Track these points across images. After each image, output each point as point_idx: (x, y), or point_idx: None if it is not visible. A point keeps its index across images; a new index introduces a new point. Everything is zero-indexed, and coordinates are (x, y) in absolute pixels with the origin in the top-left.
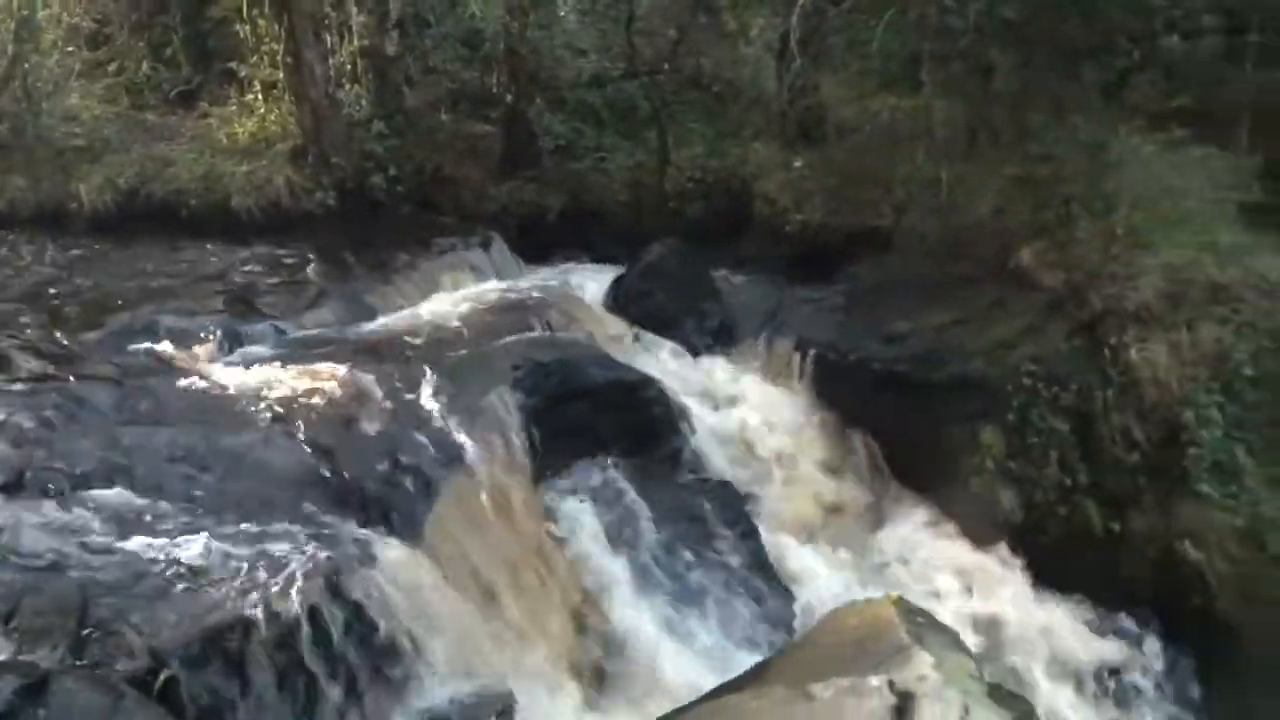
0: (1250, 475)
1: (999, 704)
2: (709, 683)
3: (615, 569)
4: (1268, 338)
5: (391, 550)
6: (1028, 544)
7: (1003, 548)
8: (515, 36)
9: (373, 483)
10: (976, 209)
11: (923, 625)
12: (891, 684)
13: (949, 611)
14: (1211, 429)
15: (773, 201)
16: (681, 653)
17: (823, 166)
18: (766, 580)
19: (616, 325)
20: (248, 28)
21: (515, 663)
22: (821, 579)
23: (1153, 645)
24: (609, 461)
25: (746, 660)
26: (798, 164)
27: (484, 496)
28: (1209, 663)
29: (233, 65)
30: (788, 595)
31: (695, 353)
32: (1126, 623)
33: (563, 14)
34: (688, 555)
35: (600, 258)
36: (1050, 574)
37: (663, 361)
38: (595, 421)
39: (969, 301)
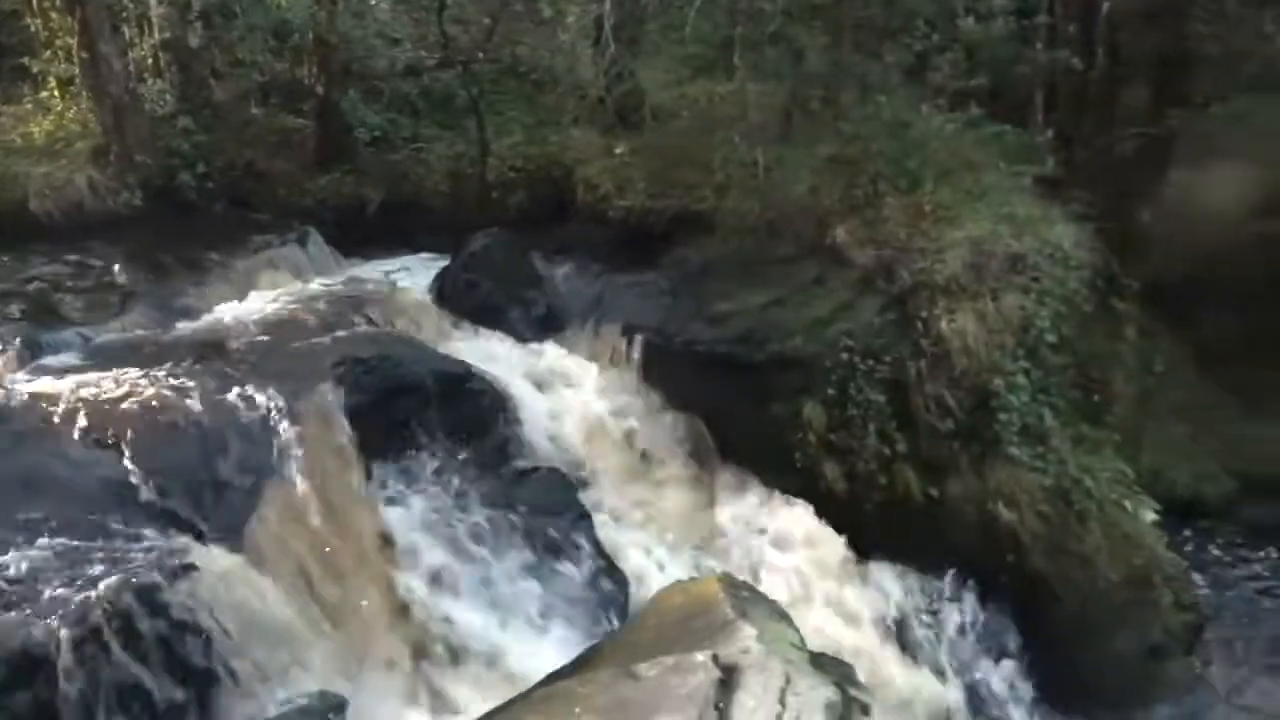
0: (1056, 436)
1: (820, 670)
2: (542, 671)
3: (445, 563)
4: (1064, 304)
5: (212, 558)
6: (852, 514)
7: (828, 519)
8: (324, 26)
9: (190, 490)
10: (794, 189)
11: (746, 599)
12: (716, 658)
13: (780, 585)
14: (1019, 394)
15: (595, 188)
16: (514, 642)
17: (644, 152)
18: (599, 565)
19: (441, 317)
20: (39, 21)
21: (346, 663)
22: (654, 561)
23: (973, 603)
24: (437, 455)
25: (580, 646)
26: (619, 150)
27: (309, 497)
28: (1025, 616)
29: (25, 61)
30: (621, 579)
31: (523, 342)
32: (949, 583)
33: (374, 2)
34: (519, 544)
35: (423, 250)
36: (875, 541)
37: (490, 352)
38: (421, 416)
39: (789, 280)
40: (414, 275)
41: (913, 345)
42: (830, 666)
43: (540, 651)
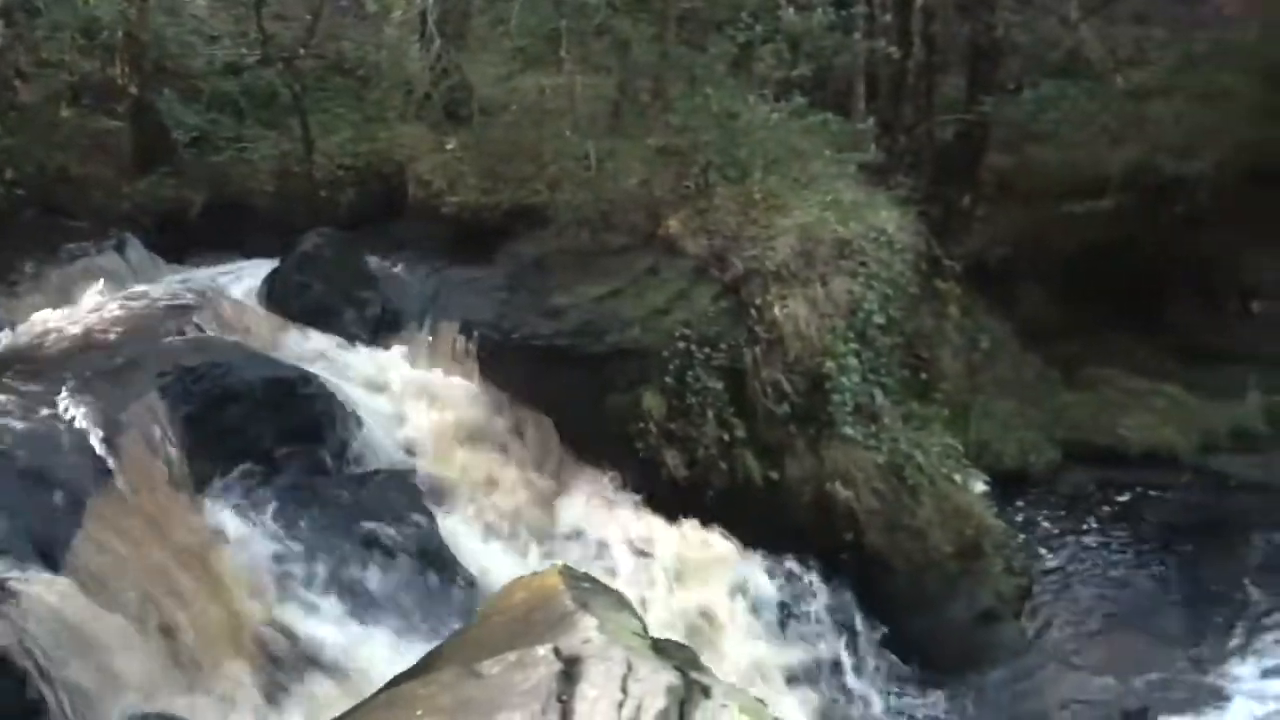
0: (887, 414)
1: (662, 655)
2: (387, 675)
3: (283, 571)
4: (890, 287)
5: (32, 585)
6: (695, 499)
7: (672, 506)
8: (135, 24)
9: (6, 513)
10: (625, 181)
11: (588, 590)
12: (558, 651)
13: (625, 573)
14: (850, 375)
15: (427, 184)
16: (358, 647)
17: (476, 147)
18: (445, 566)
19: (272, 321)
20: None
21: (186, 681)
22: (501, 559)
23: (816, 580)
24: (271, 463)
25: (426, 647)
26: (450, 145)
27: (135, 512)
28: (865, 590)
29: None
30: (468, 578)
31: (358, 343)
32: (792, 563)
33: None
34: (361, 549)
35: (251, 253)
36: (719, 526)
37: (324, 355)
38: (253, 423)
39: (625, 271)
40: (242, 279)
41: (747, 332)
42: (673, 651)
43: (384, 655)
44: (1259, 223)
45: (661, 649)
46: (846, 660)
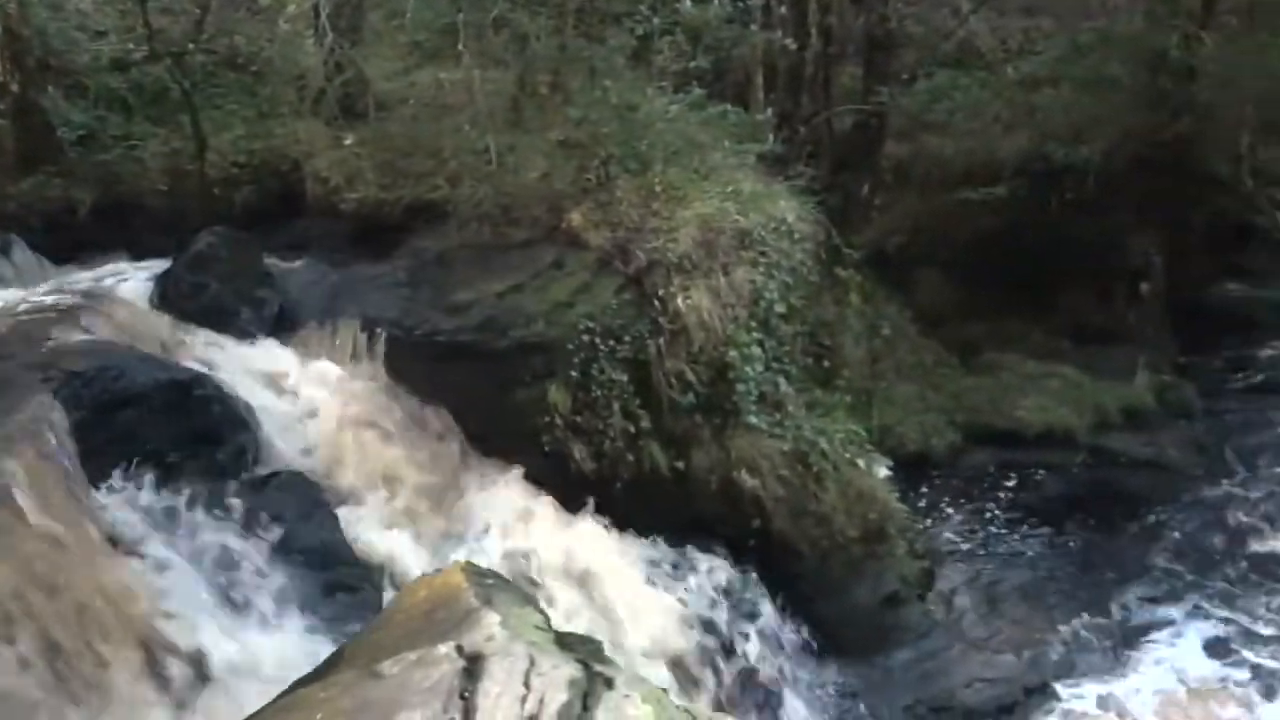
0: (791, 402)
1: (565, 649)
2: (291, 679)
3: (184, 579)
4: (791, 275)
5: None
6: (603, 493)
7: (579, 500)
8: (15, 19)
9: None
10: (526, 175)
11: (491, 586)
12: (460, 649)
13: (532, 567)
14: (754, 364)
15: (325, 180)
16: (262, 654)
17: (375, 142)
18: (349, 566)
19: (166, 323)
20: None
21: (83, 698)
22: (408, 558)
23: (724, 568)
24: (168, 468)
25: (331, 651)
26: (348, 141)
27: (25, 526)
28: (772, 577)
29: None
30: (373, 579)
31: (257, 343)
32: (701, 553)
33: None
34: (263, 552)
35: (143, 253)
36: (627, 518)
37: (221, 356)
38: (149, 427)
39: (527, 266)
40: (134, 280)
41: (651, 323)
42: (576, 644)
43: (287, 660)
44: (1145, 207)
45: (565, 642)
46: (754, 646)
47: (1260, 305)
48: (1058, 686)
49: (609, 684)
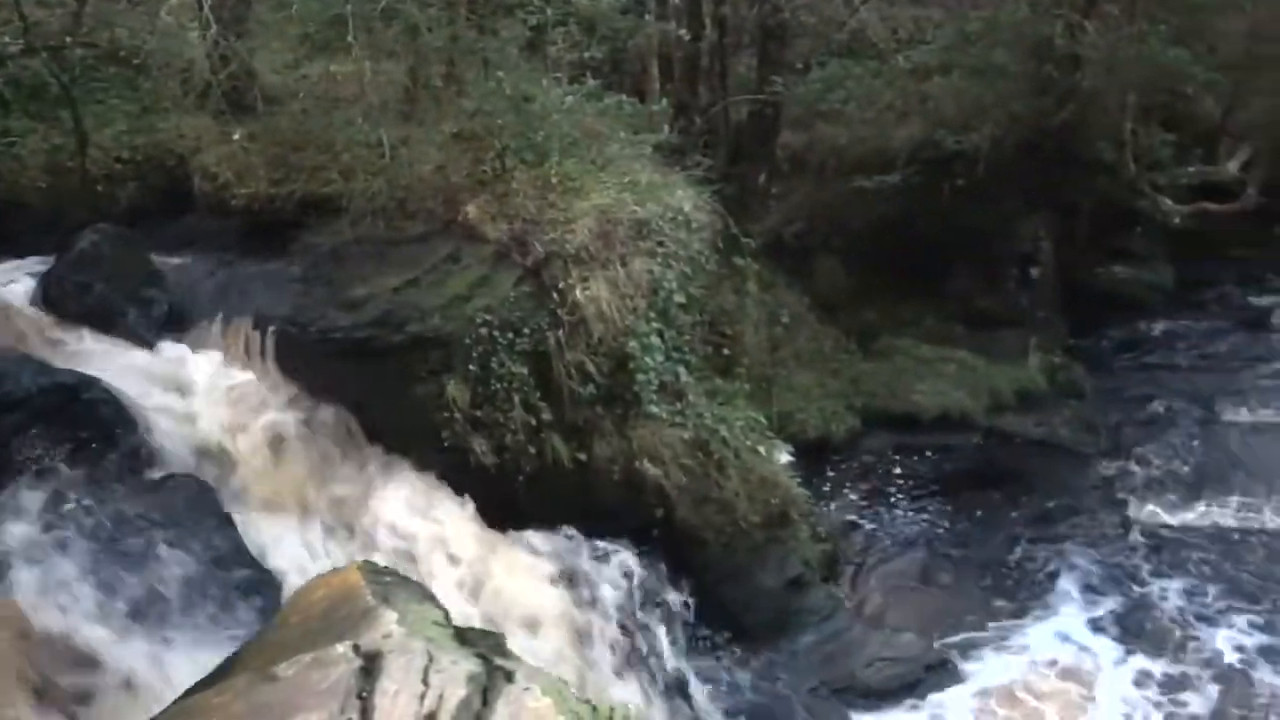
0: (692, 391)
1: (465, 644)
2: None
3: (77, 591)
4: (689, 265)
5: None
6: (505, 486)
7: (481, 493)
8: None
9: None
10: (421, 168)
11: (389, 584)
12: (357, 648)
13: (434, 564)
14: (654, 354)
15: (214, 176)
16: (157, 662)
17: (264, 136)
18: (248, 570)
19: (48, 324)
20: None
21: None
22: (307, 558)
23: (628, 558)
24: (54, 476)
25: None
26: (237, 136)
27: None
28: (677, 565)
29: None
30: (270, 580)
31: (145, 344)
32: (605, 543)
33: None
34: (159, 558)
35: (23, 252)
36: (530, 511)
37: (107, 358)
38: (33, 433)
39: (423, 259)
40: (14, 281)
41: (550, 315)
42: (478, 639)
43: (183, 667)
44: (1034, 193)
45: (466, 637)
46: (661, 635)
47: (1145, 287)
48: (957, 663)
49: (509, 678)
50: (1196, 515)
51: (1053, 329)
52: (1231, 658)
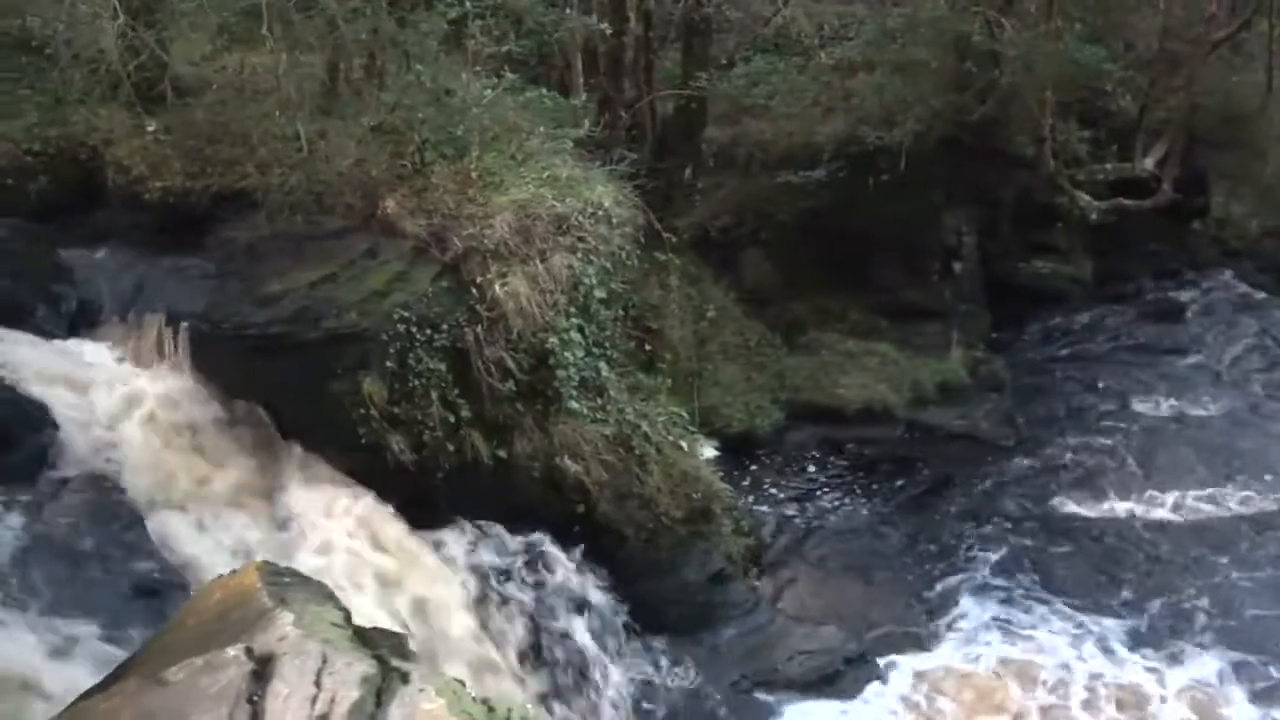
0: (613, 387)
1: (362, 645)
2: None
3: None
4: (610, 260)
5: None
6: (423, 483)
7: (398, 491)
8: None
9: None
10: (339, 161)
11: (288, 584)
12: (250, 651)
13: (346, 565)
14: (574, 350)
15: (127, 169)
16: (61, 666)
17: (180, 129)
18: (156, 570)
19: None
20: None
21: None
22: (218, 557)
23: (550, 555)
24: None
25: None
26: (151, 128)
27: None
28: (599, 562)
29: None
30: (179, 582)
31: (54, 340)
32: (524, 540)
33: None
34: (61, 560)
35: None
36: (450, 508)
37: (14, 355)
38: None
39: (341, 254)
40: None
41: (469, 311)
42: (379, 640)
43: (84, 669)
44: (957, 187)
45: (367, 638)
46: (581, 630)
47: (1065, 280)
48: (878, 655)
49: (404, 679)
50: (1110, 507)
51: (975, 322)
52: (1152, 645)
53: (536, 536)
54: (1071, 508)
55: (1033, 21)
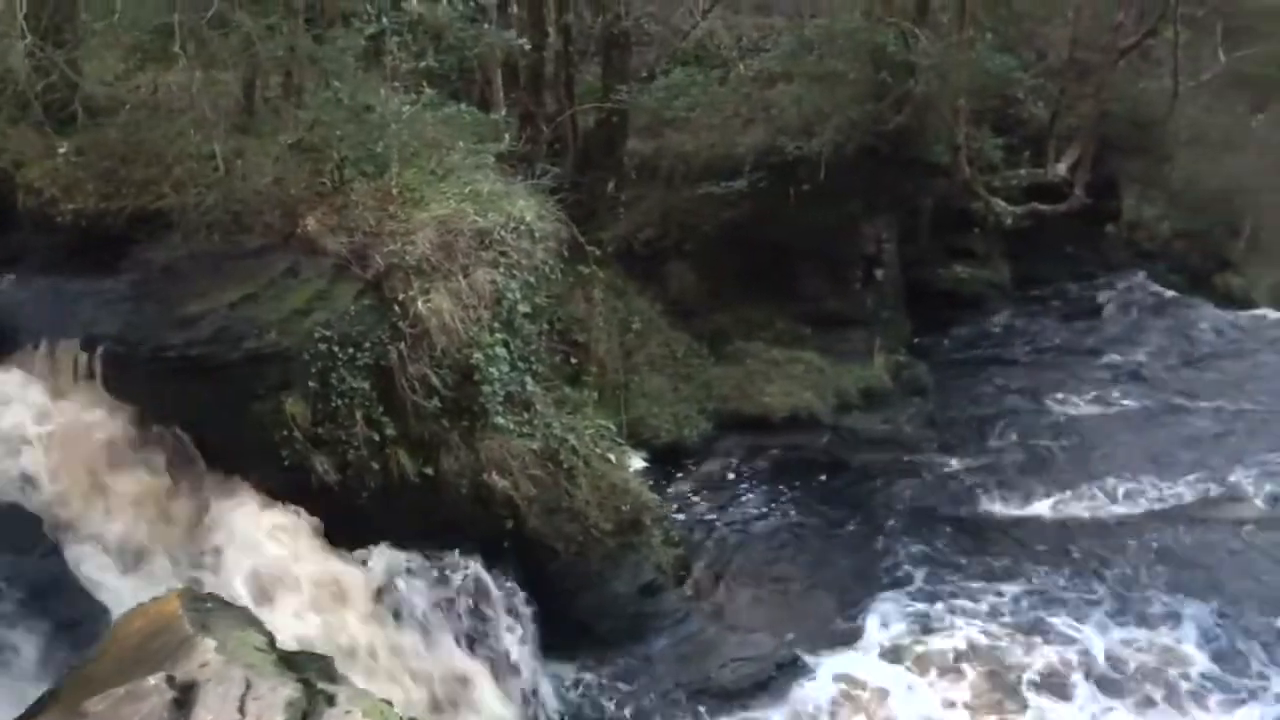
0: (539, 401)
1: (288, 669)
2: None
3: None
4: (533, 275)
5: None
6: (348, 503)
7: (323, 511)
8: None
9: None
10: (258, 180)
11: (210, 611)
12: (171, 679)
13: (269, 588)
14: (499, 365)
15: (39, 192)
16: None
17: (93, 150)
18: (73, 602)
19: None
20: None
21: None
22: (139, 586)
23: (479, 571)
24: None
25: None
26: (63, 149)
27: None
28: (529, 576)
29: None
30: (101, 611)
31: None
32: (455, 558)
33: None
34: None
35: None
36: (377, 527)
37: None
38: None
39: (261, 274)
40: None
41: (392, 328)
42: (304, 663)
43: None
44: (876, 196)
45: (292, 661)
46: (514, 645)
47: (984, 285)
48: (809, 659)
49: (330, 701)
50: (1030, 504)
51: (897, 328)
52: (1069, 637)
53: (465, 553)
54: (992, 506)
55: (946, 32)
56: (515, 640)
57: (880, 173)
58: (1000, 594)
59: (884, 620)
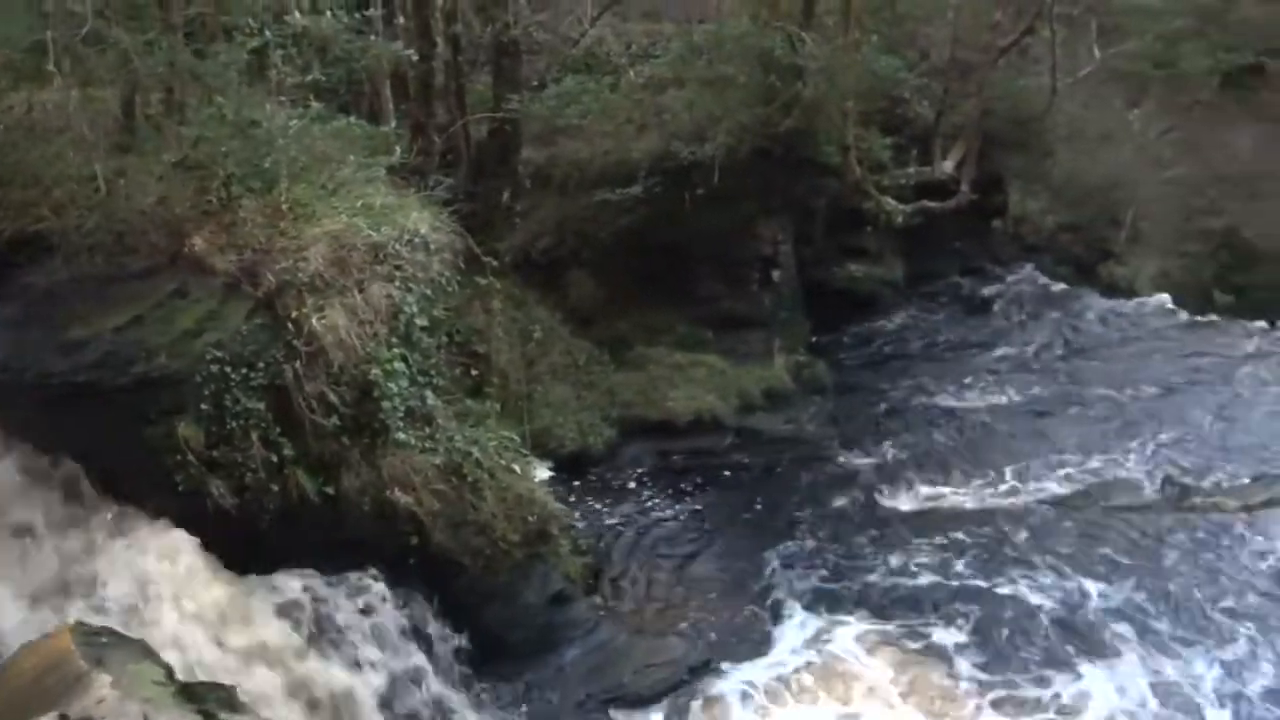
0: (441, 415)
1: (187, 700)
2: None
3: None
4: (430, 287)
5: None
6: (248, 527)
7: (221, 536)
8: None
9: None
10: (141, 200)
11: (105, 645)
12: (65, 717)
13: (168, 616)
14: (398, 380)
15: None
16: None
17: None
18: None
19: None
20: None
21: None
22: (27, 624)
23: (383, 590)
24: None
25: None
26: None
27: None
28: (436, 592)
29: None
30: None
31: None
32: (359, 578)
33: None
34: None
35: None
36: (278, 550)
37: None
38: None
39: (147, 296)
40: None
41: (286, 347)
42: (204, 693)
43: None
44: (770, 198)
45: (192, 693)
46: (422, 663)
47: (879, 283)
48: (720, 662)
49: None
50: (927, 497)
51: (795, 328)
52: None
53: (370, 572)
54: (895, 500)
55: (832, 35)
56: (423, 657)
57: (773, 175)
58: (900, 586)
59: (790, 621)
